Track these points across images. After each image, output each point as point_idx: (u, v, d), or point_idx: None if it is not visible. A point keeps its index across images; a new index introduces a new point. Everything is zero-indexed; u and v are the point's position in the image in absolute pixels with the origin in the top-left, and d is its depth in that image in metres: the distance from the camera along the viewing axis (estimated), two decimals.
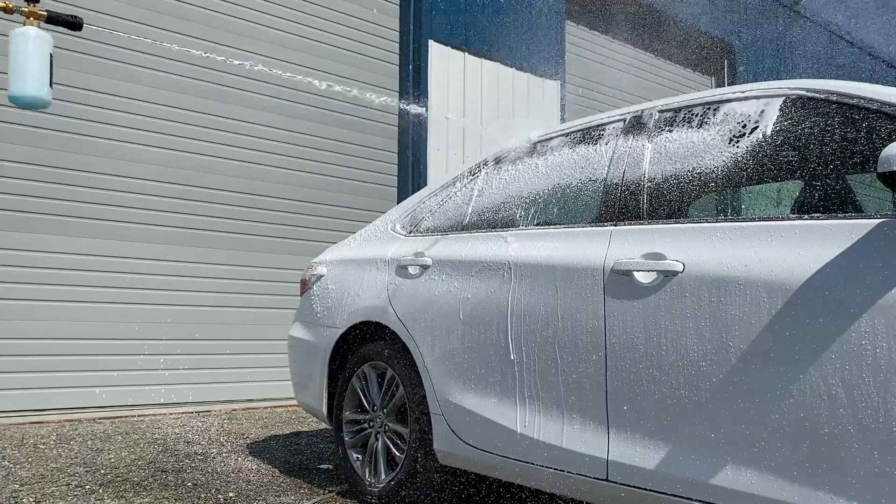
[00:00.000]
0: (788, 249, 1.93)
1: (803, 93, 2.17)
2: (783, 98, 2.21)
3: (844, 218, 1.88)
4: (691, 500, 2.03)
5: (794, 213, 2.01)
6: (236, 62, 4.16)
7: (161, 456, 4.10)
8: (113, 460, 3.97)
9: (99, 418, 5.40)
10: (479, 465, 2.74)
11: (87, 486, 3.42)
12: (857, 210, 1.88)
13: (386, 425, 3.16)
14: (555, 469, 2.41)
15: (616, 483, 2.22)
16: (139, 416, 5.57)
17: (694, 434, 2.04)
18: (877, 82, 2.02)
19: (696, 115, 2.41)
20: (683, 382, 2.07)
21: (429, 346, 2.90)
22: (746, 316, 1.95)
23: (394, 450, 3.09)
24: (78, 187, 5.52)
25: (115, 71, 5.73)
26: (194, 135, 6.10)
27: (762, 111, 2.23)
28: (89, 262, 5.54)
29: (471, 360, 2.72)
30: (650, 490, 2.13)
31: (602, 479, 2.26)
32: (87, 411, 5.41)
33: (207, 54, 4.23)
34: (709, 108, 2.39)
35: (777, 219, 2.01)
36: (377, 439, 3.19)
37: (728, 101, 2.36)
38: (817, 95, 2.12)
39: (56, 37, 5.38)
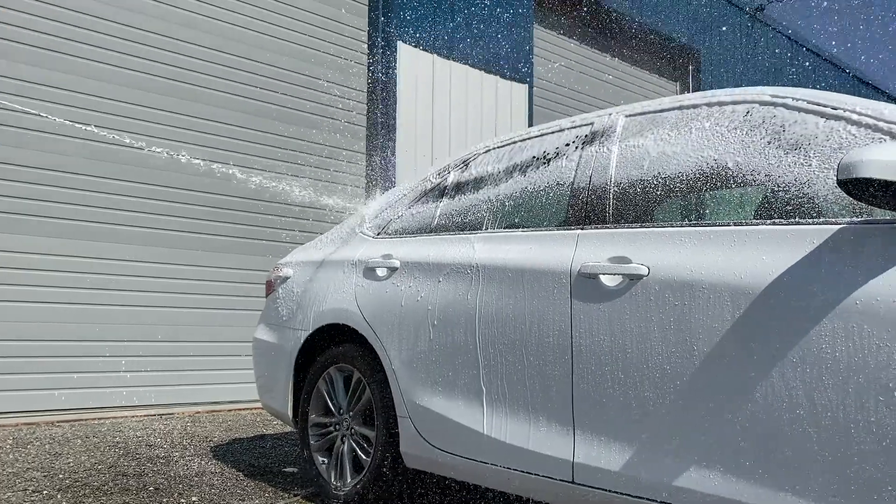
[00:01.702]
0: (752, 254, 1.96)
1: (769, 100, 2.21)
2: (749, 105, 2.25)
3: (806, 224, 1.91)
4: (655, 501, 2.05)
5: (757, 219, 2.04)
6: (203, 60, 4.10)
7: (122, 460, 4.02)
8: (72, 465, 3.89)
9: (58, 421, 5.29)
10: (445, 468, 2.73)
11: (45, 492, 3.34)
12: (818, 216, 1.92)
13: (352, 428, 3.14)
14: (521, 471, 2.41)
15: (581, 485, 2.24)
16: (99, 419, 5.47)
17: (658, 436, 2.06)
18: (837, 90, 2.07)
19: (661, 121, 2.44)
20: (648, 385, 2.09)
21: (396, 348, 2.89)
22: (710, 319, 1.98)
23: (360, 453, 3.07)
24: (36, 185, 5.40)
25: (74, 67, 5.62)
26: (156, 133, 6.01)
27: (728, 117, 2.26)
28: (48, 261, 5.43)
29: (438, 362, 2.72)
30: (615, 492, 2.15)
31: (568, 482, 2.27)
32: (45, 414, 5.30)
33: (175, 52, 4.17)
34: (675, 114, 2.42)
35: (741, 224, 2.04)
36: (343, 442, 3.17)
37: (694, 106, 2.39)
38: (783, 102, 2.16)
39: (25, 34, 5.33)
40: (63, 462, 3.95)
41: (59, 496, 3.27)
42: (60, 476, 3.64)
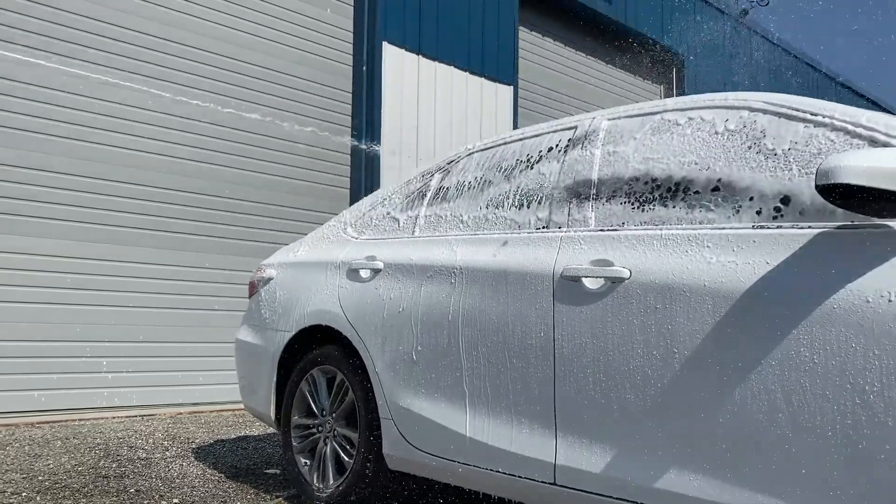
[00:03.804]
0: (733, 257, 1.98)
1: (751, 105, 2.23)
2: (731, 109, 2.27)
3: (786, 227, 1.93)
4: (636, 503, 2.06)
5: (738, 223, 2.06)
6: (189, 60, 4.09)
7: (102, 461, 3.99)
8: (52, 466, 3.86)
9: (37, 423, 5.24)
10: (428, 470, 2.74)
11: (24, 494, 3.31)
12: (799, 220, 1.94)
13: (335, 430, 3.14)
14: (503, 473, 2.42)
15: (563, 487, 2.25)
16: (80, 420, 5.42)
17: (640, 438, 2.08)
18: (820, 95, 2.09)
19: (644, 125, 2.45)
20: (630, 387, 2.10)
21: (379, 350, 2.89)
22: (691, 322, 2.00)
23: (342, 455, 3.07)
24: (16, 184, 5.35)
25: (61, 66, 5.57)
26: (139, 132, 5.97)
27: (710, 122, 2.28)
28: (28, 260, 5.37)
29: (421, 364, 2.72)
30: (596, 494, 2.16)
31: (549, 483, 2.28)
32: (24, 415, 5.24)
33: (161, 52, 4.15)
34: (658, 118, 2.44)
35: (722, 227, 2.06)
36: (326, 444, 3.16)
37: (677, 110, 2.40)
38: (764, 107, 2.19)
39: (18, 35, 5.30)
40: (43, 464, 3.91)
41: (38, 498, 3.24)
42: (40, 478, 3.60)
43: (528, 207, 2.64)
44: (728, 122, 2.23)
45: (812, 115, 2.06)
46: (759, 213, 2.02)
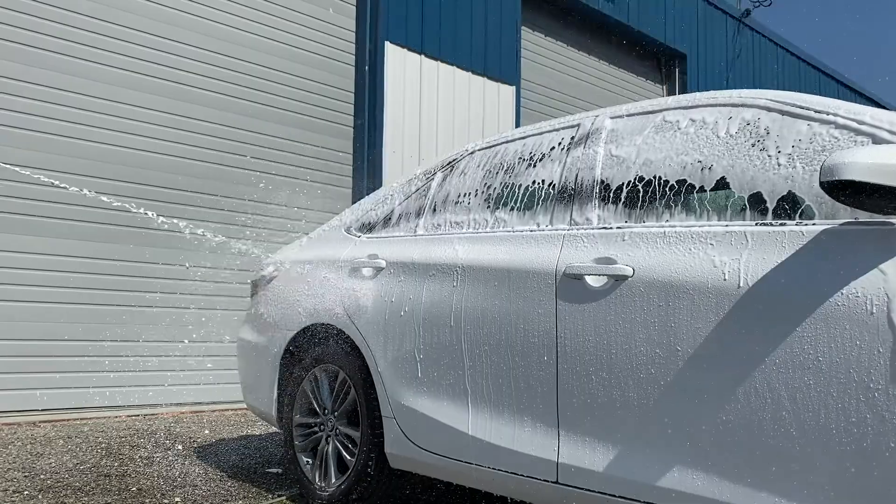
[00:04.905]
0: (736, 255, 1.97)
1: (755, 102, 2.22)
2: (735, 107, 2.26)
3: (790, 225, 1.92)
4: (640, 502, 2.05)
5: (742, 220, 2.05)
6: (191, 59, 4.09)
7: (104, 460, 3.99)
8: (53, 465, 3.86)
9: (39, 422, 5.24)
10: (430, 469, 2.73)
11: (26, 492, 3.31)
12: (803, 217, 1.93)
13: (337, 429, 3.13)
14: (505, 472, 2.41)
15: (566, 485, 2.24)
16: (82, 419, 5.42)
17: (643, 437, 2.07)
18: (822, 95, 2.09)
19: (647, 123, 2.45)
20: (633, 385, 2.10)
21: (381, 348, 2.88)
22: (694, 320, 1.99)
23: (345, 453, 3.06)
24: (21, 183, 5.35)
25: (64, 66, 5.57)
26: (144, 132, 5.97)
27: (713, 119, 2.28)
28: (31, 260, 5.37)
29: (423, 363, 2.72)
30: (599, 492, 2.15)
31: (552, 482, 2.28)
32: (26, 414, 5.25)
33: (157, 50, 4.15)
34: (661, 116, 2.43)
35: (726, 225, 2.05)
36: (328, 443, 3.16)
37: (680, 108, 2.39)
38: (768, 105, 2.18)
39: (19, 34, 5.30)
40: (45, 462, 3.91)
41: (40, 496, 3.24)
42: (42, 476, 3.60)
43: (531, 206, 2.64)
44: (732, 120, 2.23)
45: (816, 112, 2.06)
46: (762, 210, 2.02)
